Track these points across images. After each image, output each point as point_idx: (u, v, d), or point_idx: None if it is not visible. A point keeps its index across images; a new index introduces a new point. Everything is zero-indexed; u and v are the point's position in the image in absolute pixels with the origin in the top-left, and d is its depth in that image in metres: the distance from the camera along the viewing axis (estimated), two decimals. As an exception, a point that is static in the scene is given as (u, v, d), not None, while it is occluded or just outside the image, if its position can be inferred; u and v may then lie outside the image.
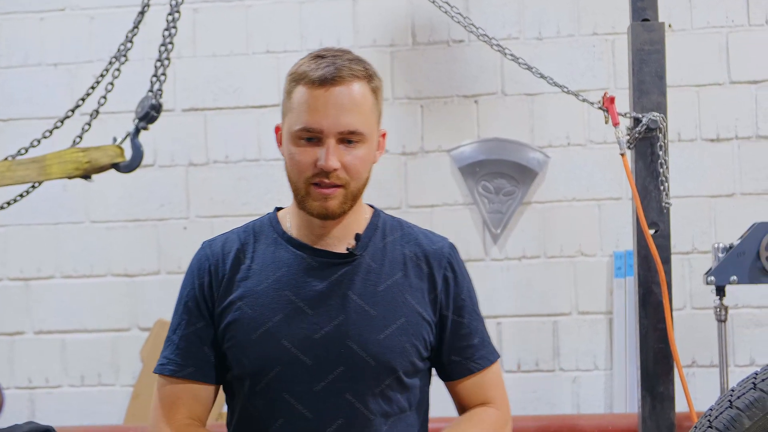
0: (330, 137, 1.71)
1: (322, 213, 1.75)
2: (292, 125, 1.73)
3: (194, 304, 1.81)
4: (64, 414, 3.77)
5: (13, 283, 3.90)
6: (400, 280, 1.80)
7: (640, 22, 2.90)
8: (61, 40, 3.90)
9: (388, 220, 1.89)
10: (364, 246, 1.81)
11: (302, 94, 1.72)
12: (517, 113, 3.75)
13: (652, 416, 2.82)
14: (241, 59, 3.84)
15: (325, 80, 1.70)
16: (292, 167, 1.75)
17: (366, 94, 1.74)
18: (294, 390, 1.74)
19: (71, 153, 2.99)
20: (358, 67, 1.75)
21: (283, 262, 1.79)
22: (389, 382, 1.77)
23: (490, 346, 1.90)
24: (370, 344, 1.75)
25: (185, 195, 3.86)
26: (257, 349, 1.75)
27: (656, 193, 2.86)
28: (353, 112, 1.71)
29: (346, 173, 1.73)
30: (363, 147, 1.74)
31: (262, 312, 1.76)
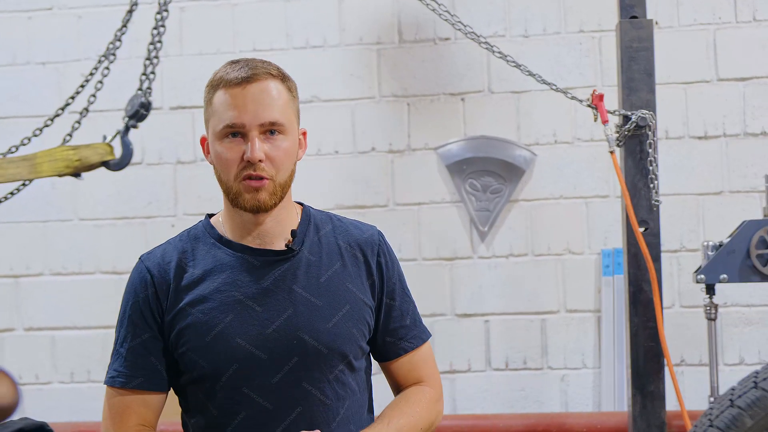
0: (253, 130, 1.78)
1: (254, 206, 1.81)
2: (215, 126, 1.80)
3: (138, 316, 1.85)
4: (54, 410, 3.77)
5: (3, 280, 3.89)
6: (339, 269, 1.89)
7: (628, 19, 2.91)
8: (49, 39, 3.88)
9: (317, 214, 1.97)
10: (300, 241, 1.88)
11: (221, 97, 1.80)
12: (503, 111, 3.76)
13: (642, 415, 2.83)
14: (228, 57, 3.76)
15: (241, 79, 1.78)
16: (221, 166, 1.81)
17: (281, 90, 1.82)
18: (252, 384, 1.80)
19: (62, 151, 2.98)
20: (271, 67, 1.83)
21: (226, 265, 1.85)
22: (341, 367, 1.85)
23: (421, 326, 1.99)
24: (320, 333, 1.83)
25: (173, 193, 3.85)
26: (213, 350, 1.81)
27: (646, 191, 2.87)
28: (271, 106, 1.79)
29: (271, 165, 1.80)
30: (285, 139, 1.82)
31: (212, 315, 1.82)
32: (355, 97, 3.79)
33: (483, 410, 3.73)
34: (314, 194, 3.76)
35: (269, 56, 3.83)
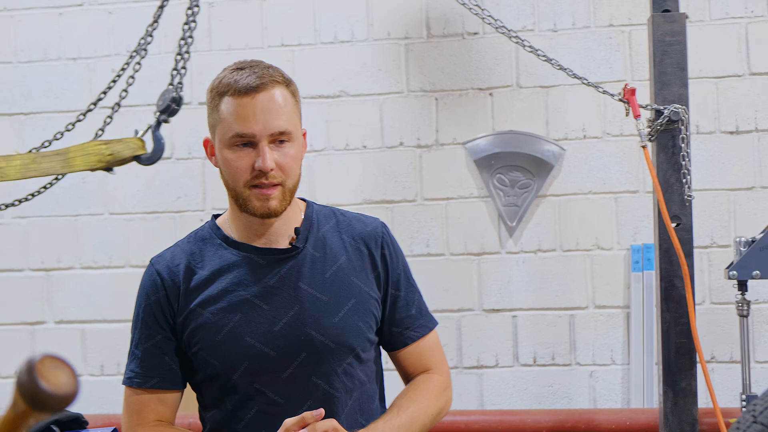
0: (263, 140, 1.82)
1: (264, 212, 1.85)
2: (224, 134, 1.84)
3: (151, 318, 1.92)
4: (85, 403, 3.77)
5: (35, 273, 3.92)
6: (344, 264, 1.93)
7: (661, 12, 2.89)
8: (80, 35, 3.91)
9: (321, 210, 2.01)
10: (304, 238, 1.93)
11: (230, 104, 1.83)
12: (532, 105, 3.75)
13: (674, 411, 2.81)
14: (256, 53, 3.84)
15: (249, 89, 1.81)
16: (229, 173, 1.85)
17: (287, 96, 1.85)
18: (263, 380, 1.87)
19: (94, 146, 3.00)
20: (276, 73, 1.87)
21: (233, 265, 1.90)
22: (349, 360, 1.91)
23: (427, 315, 2.04)
24: (327, 328, 1.88)
25: (202, 187, 3.87)
26: (223, 349, 1.87)
27: (678, 186, 2.84)
28: (279, 114, 1.83)
29: (281, 172, 1.84)
30: (292, 146, 1.86)
31: (221, 315, 1.88)
32: (383, 92, 3.79)
33: (510, 406, 3.73)
34: (342, 189, 3.77)
35: (297, 51, 3.87)
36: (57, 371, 1.03)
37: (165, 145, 3.09)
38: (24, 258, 3.92)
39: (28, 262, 3.92)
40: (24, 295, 3.91)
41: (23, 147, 3.67)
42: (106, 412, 3.75)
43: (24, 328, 3.92)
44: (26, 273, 3.93)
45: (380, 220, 2.04)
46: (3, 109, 3.94)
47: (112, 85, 3.19)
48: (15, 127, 3.92)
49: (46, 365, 1.02)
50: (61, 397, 1.02)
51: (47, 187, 3.25)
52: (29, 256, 3.92)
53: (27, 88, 3.92)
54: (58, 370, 1.03)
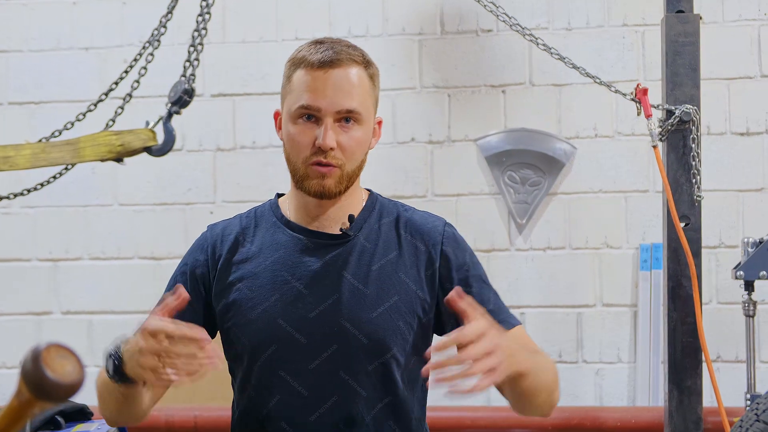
0: (328, 116, 1.75)
1: (318, 191, 1.78)
2: (291, 105, 1.78)
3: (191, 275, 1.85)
4: (91, 393, 3.78)
5: (42, 263, 3.93)
6: (393, 259, 1.83)
7: (674, 13, 2.89)
8: (93, 25, 3.91)
9: (386, 203, 1.91)
10: (358, 227, 1.84)
11: (301, 76, 1.76)
12: (544, 103, 3.75)
13: (679, 410, 2.82)
14: (271, 46, 3.85)
15: (324, 63, 1.75)
16: (291, 147, 1.79)
17: (363, 77, 1.78)
18: (289, 368, 1.78)
19: (104, 136, 3.01)
20: (356, 52, 1.78)
21: (281, 245, 1.84)
22: (384, 360, 1.79)
23: (507, 313, 1.85)
24: (362, 323, 1.78)
25: (212, 180, 3.88)
26: (254, 327, 1.79)
27: (688, 186, 2.85)
28: (351, 93, 1.75)
29: (342, 154, 1.76)
30: (359, 129, 1.78)
31: (259, 293, 1.81)
32: (396, 87, 3.79)
33: (517, 403, 3.72)
34: (352, 183, 3.78)
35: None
36: (62, 360, 1.03)
37: (176, 137, 3.10)
38: (32, 248, 3.93)
39: (36, 252, 3.93)
40: (31, 285, 3.92)
41: (34, 136, 3.68)
42: (113, 401, 3.76)
43: (31, 318, 3.93)
44: (34, 263, 3.94)
45: (445, 220, 1.90)
46: (14, 98, 3.95)
47: (124, 76, 3.20)
48: (26, 116, 3.93)
49: (51, 354, 1.02)
50: (66, 387, 1.02)
51: (56, 177, 3.26)
52: (37, 246, 3.93)
53: (39, 77, 3.93)
54: (64, 359, 1.03)
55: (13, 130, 3.83)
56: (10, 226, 3.93)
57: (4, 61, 3.95)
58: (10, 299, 3.93)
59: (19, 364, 1.06)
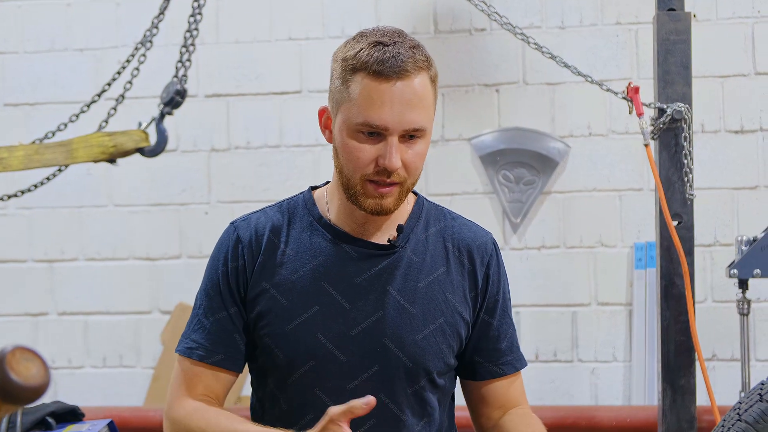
0: (394, 134, 1.61)
1: (376, 210, 1.66)
2: (351, 117, 1.63)
3: (227, 287, 1.73)
4: (86, 394, 3.81)
5: (38, 264, 3.94)
6: (441, 276, 1.73)
7: (666, 11, 2.88)
8: (87, 26, 3.92)
9: (432, 209, 1.80)
10: (405, 237, 1.73)
11: (364, 86, 1.61)
12: (538, 102, 3.74)
13: (672, 409, 2.82)
14: (264, 46, 3.85)
15: (391, 73, 1.59)
16: (348, 161, 1.65)
17: (428, 86, 1.65)
18: (326, 386, 1.69)
19: (97, 137, 3.02)
20: (421, 57, 1.64)
21: (320, 250, 1.72)
22: (423, 383, 1.72)
23: (518, 354, 1.81)
24: (407, 344, 1.69)
25: (207, 180, 3.88)
26: (291, 341, 1.69)
27: (680, 184, 2.85)
28: (418, 108, 1.62)
29: (405, 171, 1.64)
30: (423, 142, 1.65)
31: (297, 303, 1.69)
32: (389, 87, 3.78)
33: (512, 402, 3.73)
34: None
35: (305, 45, 3.87)
36: (28, 363, 1.02)
37: (168, 138, 3.10)
38: (28, 249, 3.93)
39: (32, 253, 3.93)
40: (27, 287, 3.93)
41: (29, 137, 3.68)
42: (108, 404, 3.76)
43: (27, 319, 3.93)
44: (30, 264, 3.94)
45: (492, 235, 1.82)
46: (10, 99, 3.95)
47: (116, 77, 3.20)
48: (22, 118, 3.93)
49: (16, 357, 1.02)
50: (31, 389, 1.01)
51: (50, 179, 3.26)
52: (33, 248, 3.93)
53: (34, 78, 3.93)
54: (29, 362, 1.03)
55: (9, 132, 3.83)
56: (6, 228, 3.94)
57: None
58: (6, 300, 3.93)
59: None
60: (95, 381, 3.87)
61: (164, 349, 3.78)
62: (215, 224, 3.68)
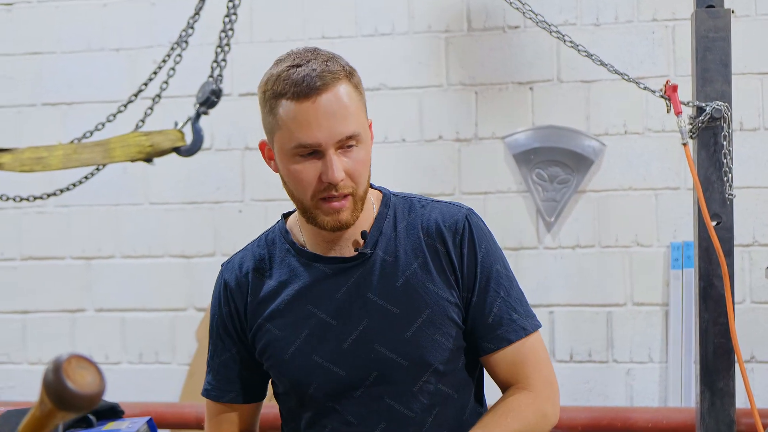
0: (329, 148, 1.64)
1: (335, 226, 1.69)
2: (284, 143, 1.66)
3: (224, 331, 1.84)
4: (123, 390, 3.84)
5: (76, 261, 3.98)
6: (417, 269, 1.74)
7: (704, 8, 2.84)
8: (123, 26, 3.95)
9: (399, 203, 1.82)
10: (373, 241, 1.75)
11: (288, 110, 1.63)
12: (572, 100, 3.72)
13: (711, 412, 2.78)
14: (297, 45, 3.82)
15: (310, 90, 1.61)
16: (295, 185, 1.68)
17: (351, 93, 1.66)
18: (336, 399, 1.75)
19: (134, 137, 3.04)
20: (336, 67, 1.65)
21: (299, 276, 1.77)
22: (426, 377, 1.74)
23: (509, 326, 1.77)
24: (398, 344, 1.72)
25: (241, 178, 3.89)
26: (292, 368, 1.76)
27: (719, 184, 2.80)
28: (345, 117, 1.64)
29: (351, 180, 1.67)
30: (361, 149, 1.68)
31: (288, 331, 1.76)
32: (422, 85, 3.78)
33: (547, 401, 3.71)
34: (380, 182, 3.76)
35: (338, 44, 3.87)
36: (83, 371, 1.04)
37: (204, 137, 3.12)
38: (65, 246, 3.97)
39: (70, 250, 3.97)
40: (65, 283, 3.97)
41: (66, 136, 3.72)
42: (145, 400, 3.79)
43: (64, 315, 3.97)
44: (67, 261, 3.98)
45: (466, 208, 1.80)
46: (47, 99, 3.99)
47: (153, 77, 3.22)
48: (59, 117, 3.97)
49: (72, 365, 1.03)
50: (87, 397, 1.03)
51: (88, 177, 3.29)
52: (70, 245, 3.97)
53: (70, 78, 3.97)
54: (85, 370, 1.04)
55: (47, 131, 3.88)
56: (45, 226, 3.98)
57: (37, 62, 3.99)
58: (44, 297, 3.98)
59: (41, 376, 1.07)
60: (132, 377, 3.90)
61: (199, 345, 3.81)
62: (249, 222, 3.70)
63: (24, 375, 3.99)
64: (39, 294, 3.98)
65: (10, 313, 4.00)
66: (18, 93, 3.98)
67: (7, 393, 3.98)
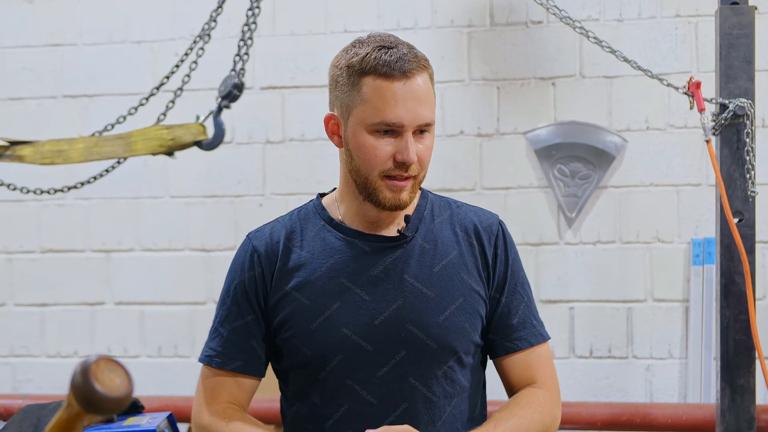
0: (408, 131, 1.72)
1: (394, 204, 1.75)
2: (366, 117, 1.72)
3: (243, 297, 1.82)
4: (142, 383, 3.83)
5: (96, 254, 3.99)
6: (455, 259, 1.81)
7: (729, 5, 2.83)
8: (145, 19, 3.95)
9: (436, 200, 1.89)
10: (415, 227, 1.82)
11: (376, 87, 1.71)
12: (595, 96, 3.70)
13: (731, 409, 2.78)
14: (319, 38, 3.85)
15: (400, 73, 1.70)
16: (366, 159, 1.73)
17: (429, 83, 1.76)
18: (357, 377, 1.76)
19: (156, 130, 3.04)
20: (421, 56, 1.76)
21: (335, 249, 1.80)
22: (451, 363, 1.78)
23: (531, 329, 1.86)
24: (430, 327, 1.76)
25: (262, 172, 3.90)
26: (318, 338, 1.76)
27: (741, 181, 2.79)
28: (426, 104, 1.73)
29: (419, 165, 1.75)
30: (431, 137, 1.77)
31: (318, 301, 1.77)
32: (444, 80, 3.77)
33: (565, 398, 3.68)
34: (401, 176, 3.77)
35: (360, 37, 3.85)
36: (111, 374, 1.04)
37: (225, 131, 3.12)
38: (86, 239, 3.99)
39: (90, 243, 3.99)
40: (85, 276, 3.98)
41: (87, 128, 3.73)
42: (164, 393, 3.80)
43: (84, 308, 3.99)
44: (88, 254, 4.00)
45: (498, 216, 1.90)
46: (68, 91, 4.00)
47: (175, 70, 3.23)
48: (80, 109, 3.98)
49: (101, 367, 1.03)
50: (115, 400, 1.03)
51: (109, 170, 3.30)
52: (91, 238, 3.98)
53: (91, 70, 3.98)
54: (113, 373, 1.04)
55: (68, 123, 3.89)
56: (65, 218, 4.00)
57: (58, 54, 4.00)
58: (65, 290, 3.99)
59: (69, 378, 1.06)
60: (151, 370, 3.92)
61: (218, 339, 3.82)
62: (270, 216, 3.64)
63: (42, 368, 4.01)
64: (58, 287, 4.00)
65: (29, 306, 4.02)
66: (39, 85, 4.00)
67: (26, 386, 4.01)
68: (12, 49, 4.02)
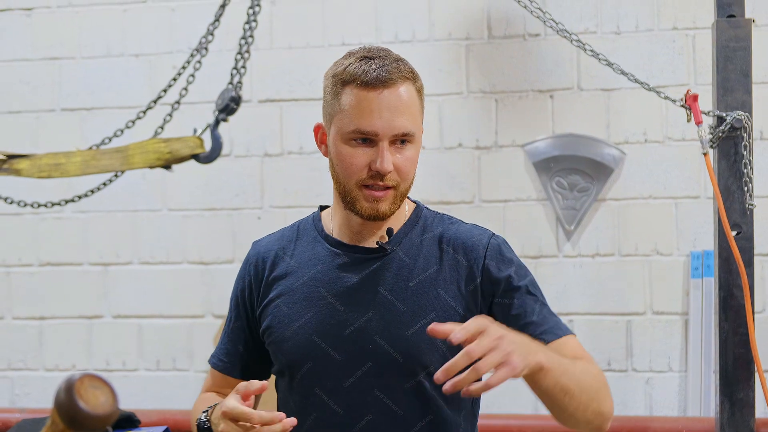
0: (384, 140, 1.72)
1: (372, 215, 1.77)
2: (343, 126, 1.74)
3: (236, 302, 1.92)
4: (140, 397, 3.85)
5: (93, 267, 3.98)
6: (433, 274, 1.80)
7: (725, 18, 2.83)
8: (143, 32, 3.95)
9: (431, 216, 1.88)
10: (397, 241, 1.82)
11: (354, 96, 1.73)
12: (593, 109, 3.70)
13: (730, 422, 2.77)
14: (317, 51, 3.86)
15: (377, 82, 1.72)
16: (343, 168, 1.76)
17: (413, 94, 1.76)
18: (325, 385, 1.79)
19: (153, 143, 3.04)
20: (405, 68, 1.76)
21: (319, 260, 1.83)
22: (421, 378, 1.76)
23: (553, 323, 1.77)
24: (397, 340, 1.76)
25: (260, 185, 3.89)
26: (291, 344, 1.81)
27: (739, 193, 2.79)
28: (405, 115, 1.73)
29: (397, 175, 1.75)
30: (413, 148, 1.76)
31: (296, 309, 1.82)
32: (442, 93, 3.77)
33: (565, 411, 3.69)
34: (399, 189, 3.77)
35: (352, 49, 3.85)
36: (96, 391, 1.03)
37: (223, 144, 3.12)
38: (83, 252, 3.98)
39: (87, 256, 3.98)
40: (82, 289, 3.97)
41: (85, 141, 3.73)
42: (161, 407, 3.79)
43: (82, 321, 3.98)
44: (85, 267, 3.99)
45: (492, 233, 1.85)
46: (66, 104, 4.00)
47: (172, 83, 3.23)
48: (78, 122, 3.98)
49: (85, 385, 1.02)
50: (99, 418, 1.02)
51: (107, 184, 3.30)
52: (88, 251, 3.98)
53: (89, 84, 3.98)
54: (97, 390, 1.03)
55: (65, 136, 3.88)
56: (63, 231, 3.99)
57: (56, 68, 4.00)
58: (62, 303, 3.98)
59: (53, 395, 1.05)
60: (149, 384, 3.91)
61: (216, 353, 3.81)
62: (268, 229, 3.66)
63: (40, 382, 4.00)
64: (56, 300, 3.99)
65: (27, 319, 4.01)
66: (37, 98, 4.00)
67: (24, 400, 4.00)
68: (10, 62, 4.02)
